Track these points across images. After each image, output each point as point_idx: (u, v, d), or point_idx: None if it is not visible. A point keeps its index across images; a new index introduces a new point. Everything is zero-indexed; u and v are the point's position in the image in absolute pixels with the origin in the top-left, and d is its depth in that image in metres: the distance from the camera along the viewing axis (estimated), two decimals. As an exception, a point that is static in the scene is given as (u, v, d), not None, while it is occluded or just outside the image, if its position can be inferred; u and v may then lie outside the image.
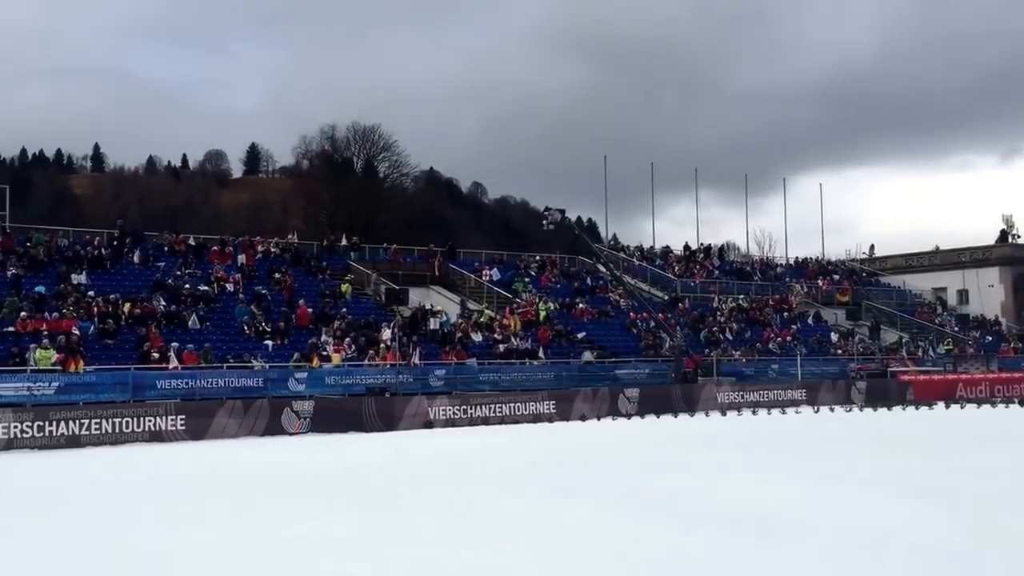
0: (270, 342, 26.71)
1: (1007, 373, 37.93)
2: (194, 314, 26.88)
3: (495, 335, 31.08)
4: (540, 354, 30.38)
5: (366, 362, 26.68)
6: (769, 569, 7.44)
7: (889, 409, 29.99)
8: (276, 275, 31.22)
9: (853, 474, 13.45)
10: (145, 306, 26.41)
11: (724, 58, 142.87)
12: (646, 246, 47.91)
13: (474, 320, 31.85)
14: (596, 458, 16.72)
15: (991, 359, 40.04)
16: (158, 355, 23.89)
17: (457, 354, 28.49)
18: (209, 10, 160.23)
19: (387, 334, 27.85)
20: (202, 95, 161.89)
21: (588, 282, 40.37)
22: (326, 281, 32.74)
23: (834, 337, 40.53)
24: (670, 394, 30.58)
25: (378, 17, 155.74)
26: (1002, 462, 14.82)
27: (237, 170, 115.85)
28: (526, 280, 38.00)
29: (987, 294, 50.70)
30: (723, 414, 29.60)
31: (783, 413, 29.62)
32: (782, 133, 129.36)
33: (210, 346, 25.12)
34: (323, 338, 27.26)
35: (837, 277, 50.17)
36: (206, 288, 28.83)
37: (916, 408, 30.61)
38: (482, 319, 32.12)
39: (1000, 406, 30.53)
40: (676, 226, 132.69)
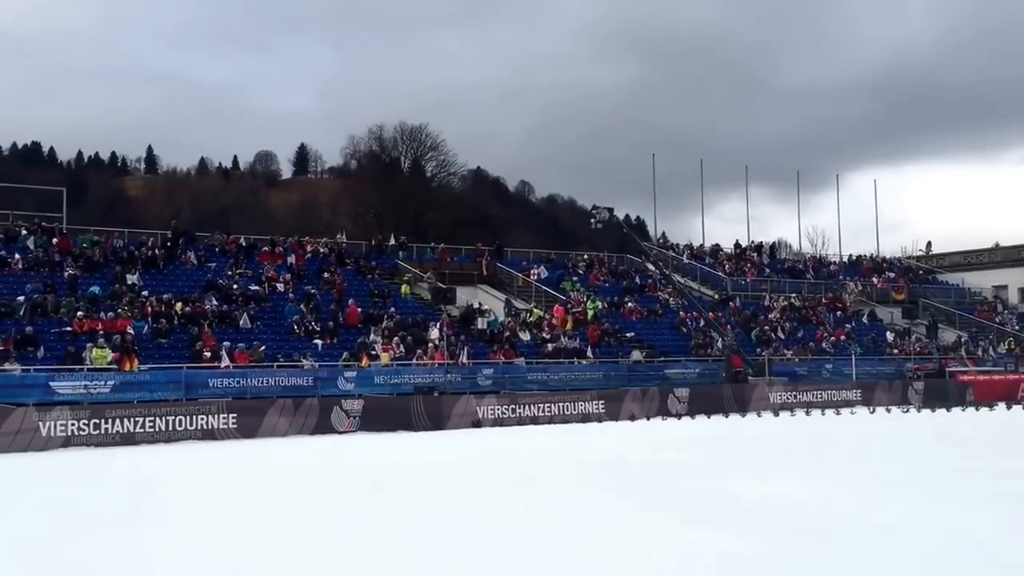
0: (319, 341, 26.88)
1: (1071, 373, 36.74)
2: (245, 314, 27.19)
3: (543, 334, 30.94)
4: (588, 353, 30.18)
5: (414, 361, 26.71)
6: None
7: (948, 410, 29.28)
8: (325, 275, 31.46)
9: (921, 476, 13.06)
10: (197, 306, 26.75)
11: (775, 54, 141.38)
12: (695, 244, 47.37)
13: (522, 319, 31.74)
14: (645, 459, 16.47)
15: (1054, 359, 38.84)
16: (210, 354, 24.19)
17: (505, 353, 28.42)
18: (260, 14, 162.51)
19: (435, 333, 27.87)
20: (252, 97, 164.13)
21: (637, 281, 40.00)
22: (375, 281, 32.89)
23: (889, 336, 39.65)
24: (721, 394, 30.21)
25: (426, 18, 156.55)
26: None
27: (287, 171, 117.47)
28: (574, 279, 37.81)
29: (1049, 292, 49.41)
30: (775, 414, 29.12)
31: (837, 414, 29.03)
32: (835, 129, 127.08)
33: (258, 344, 25.36)
34: (372, 337, 27.37)
35: (892, 275, 49.06)
36: (257, 288, 29.14)
37: (976, 409, 29.86)
38: (531, 318, 32.00)
39: (1065, 407, 29.71)
40: (726, 223, 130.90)
